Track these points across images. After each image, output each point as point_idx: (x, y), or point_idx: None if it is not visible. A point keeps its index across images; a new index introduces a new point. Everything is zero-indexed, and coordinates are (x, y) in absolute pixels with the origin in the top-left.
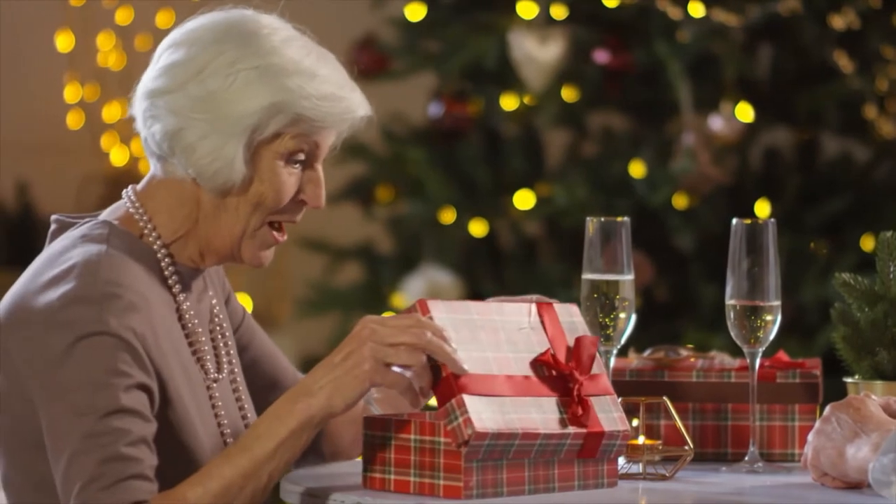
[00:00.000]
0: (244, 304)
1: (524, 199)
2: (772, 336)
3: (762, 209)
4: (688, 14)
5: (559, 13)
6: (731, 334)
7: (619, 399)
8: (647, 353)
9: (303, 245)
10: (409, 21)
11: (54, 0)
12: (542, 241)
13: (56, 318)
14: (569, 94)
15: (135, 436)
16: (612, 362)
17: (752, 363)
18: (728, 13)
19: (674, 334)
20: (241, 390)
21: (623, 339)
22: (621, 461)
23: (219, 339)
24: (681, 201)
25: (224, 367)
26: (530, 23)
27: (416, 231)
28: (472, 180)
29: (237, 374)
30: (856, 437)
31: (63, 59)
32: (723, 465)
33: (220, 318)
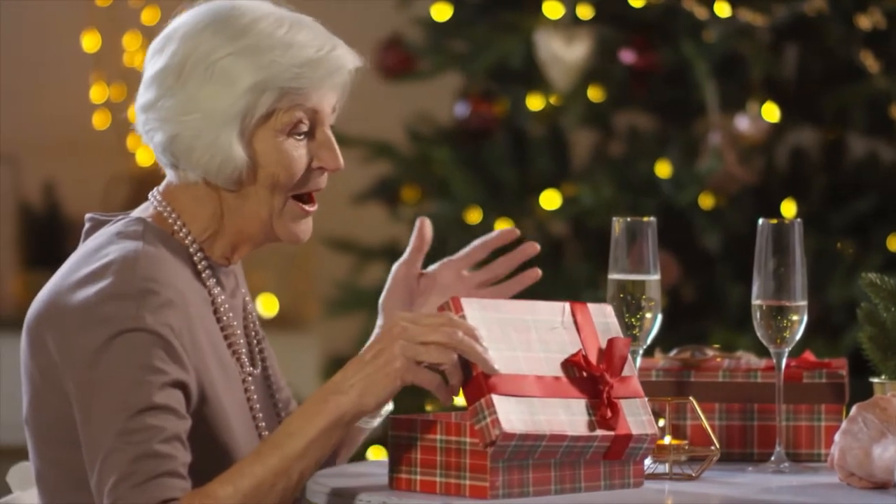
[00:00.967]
0: (271, 304)
1: (550, 199)
2: (798, 336)
3: (788, 209)
4: (714, 14)
5: (585, 13)
6: (758, 334)
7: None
8: (673, 353)
9: (329, 245)
10: (435, 21)
11: (80, 0)
12: (569, 241)
13: (93, 314)
14: (595, 94)
15: (169, 433)
16: (639, 362)
17: (779, 363)
18: (754, 13)
19: (700, 334)
20: (274, 385)
21: (649, 340)
22: (647, 461)
23: (252, 334)
24: (707, 201)
25: (258, 362)
26: (556, 23)
27: (442, 231)
28: (497, 180)
29: (270, 370)
30: (882, 436)
31: (89, 60)
32: (749, 466)
33: (252, 314)
